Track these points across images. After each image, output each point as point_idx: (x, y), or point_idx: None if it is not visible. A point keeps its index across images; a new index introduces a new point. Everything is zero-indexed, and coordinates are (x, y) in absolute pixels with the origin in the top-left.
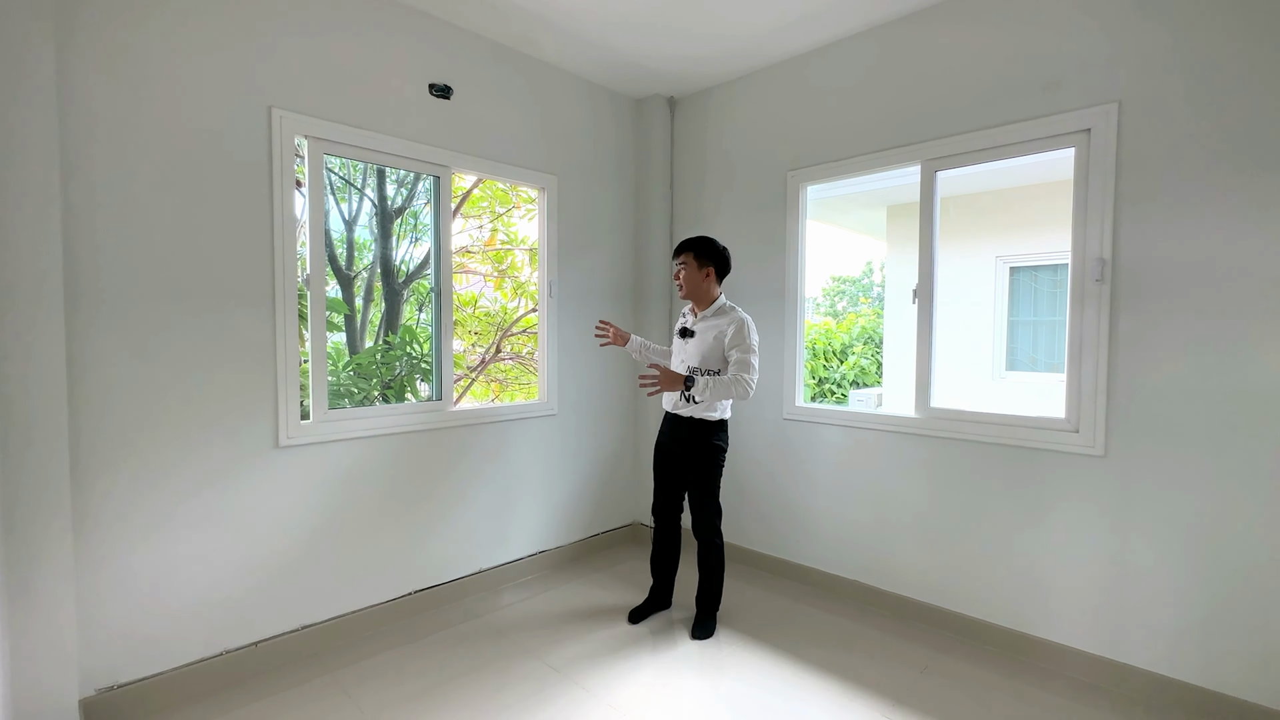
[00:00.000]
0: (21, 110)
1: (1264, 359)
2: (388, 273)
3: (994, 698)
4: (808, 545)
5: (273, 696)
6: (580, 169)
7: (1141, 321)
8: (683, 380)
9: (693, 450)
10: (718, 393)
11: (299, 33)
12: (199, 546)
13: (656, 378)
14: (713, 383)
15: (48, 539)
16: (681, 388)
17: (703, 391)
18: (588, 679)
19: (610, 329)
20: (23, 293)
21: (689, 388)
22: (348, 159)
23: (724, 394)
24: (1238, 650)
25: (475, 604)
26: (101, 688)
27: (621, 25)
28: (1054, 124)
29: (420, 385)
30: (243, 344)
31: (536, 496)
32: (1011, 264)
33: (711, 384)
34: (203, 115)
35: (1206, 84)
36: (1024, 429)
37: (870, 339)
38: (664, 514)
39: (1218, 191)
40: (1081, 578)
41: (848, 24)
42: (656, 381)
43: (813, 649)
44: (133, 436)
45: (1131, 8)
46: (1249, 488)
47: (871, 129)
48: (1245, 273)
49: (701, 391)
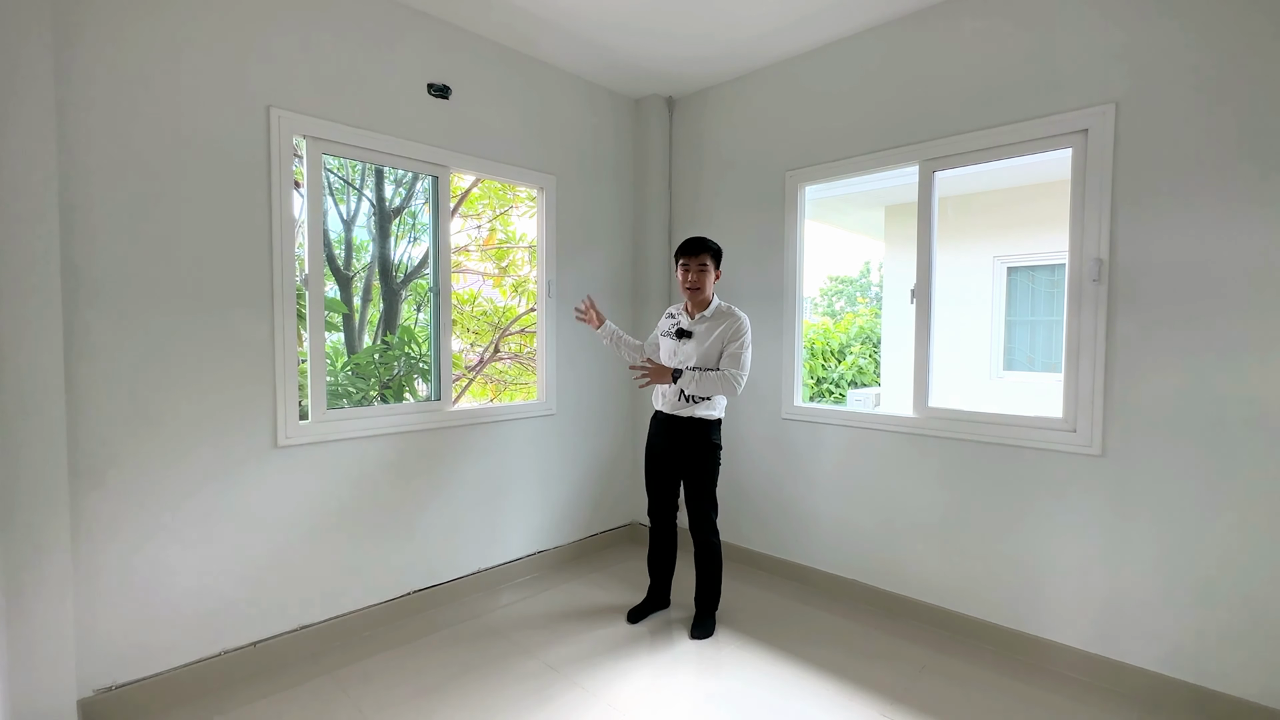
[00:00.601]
0: (20, 109)
1: (1261, 359)
2: (386, 272)
3: (991, 697)
4: (806, 545)
5: (271, 696)
6: (579, 169)
7: (1139, 321)
8: (670, 373)
9: (690, 450)
10: (704, 386)
11: (297, 32)
12: (197, 546)
13: (647, 370)
14: (699, 376)
15: (46, 539)
16: (669, 380)
17: (689, 384)
18: (587, 679)
19: (591, 309)
20: (21, 293)
21: (676, 380)
22: (346, 159)
23: (712, 388)
24: (1235, 649)
25: (473, 604)
26: (100, 688)
27: (620, 25)
28: (1051, 124)
29: (419, 385)
30: (241, 344)
31: (535, 496)
32: (1009, 264)
33: (698, 377)
34: (201, 115)
35: (1204, 84)
36: (1021, 428)
37: (868, 339)
38: (660, 515)
39: (1215, 192)
40: (1079, 577)
41: (846, 25)
42: (647, 374)
43: (811, 648)
44: (131, 437)
45: (1129, 8)
46: (1246, 486)
47: (869, 129)
48: (1243, 273)
49: (688, 383)
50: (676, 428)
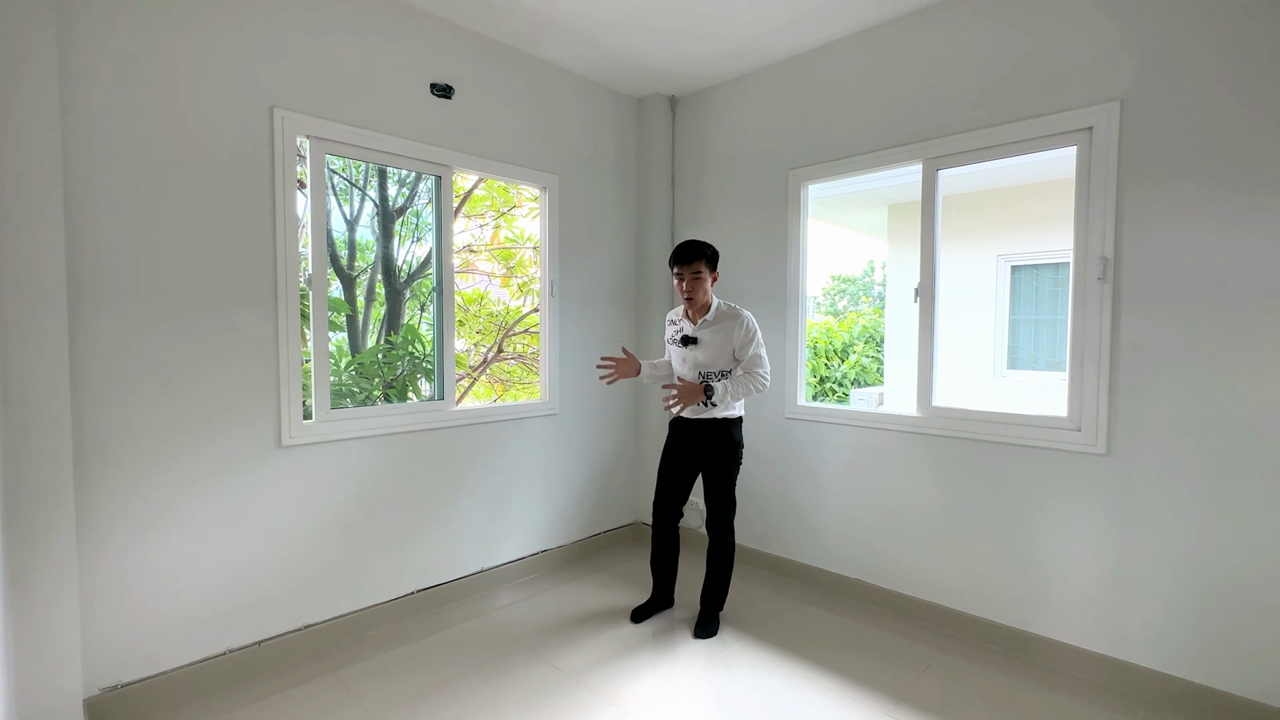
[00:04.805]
0: (23, 110)
1: (1269, 358)
2: (389, 272)
3: (996, 696)
4: (809, 544)
5: (276, 695)
6: (582, 168)
7: (1143, 320)
8: (702, 391)
9: (713, 449)
10: (737, 394)
11: (301, 33)
12: (202, 546)
13: (676, 391)
14: (731, 385)
15: (51, 539)
16: (702, 398)
17: (722, 397)
18: (590, 678)
19: (614, 363)
20: (26, 293)
21: (709, 396)
22: (349, 159)
23: (743, 393)
24: (1239, 648)
25: (477, 603)
26: (105, 687)
27: (623, 24)
28: (1056, 122)
29: (422, 385)
30: (245, 343)
31: (538, 496)
32: (1013, 262)
33: (730, 387)
34: (205, 115)
35: (1211, 81)
36: (1026, 427)
37: (871, 338)
38: (665, 513)
39: (1222, 189)
40: (1083, 576)
41: (849, 22)
42: (678, 399)
43: (815, 647)
44: (136, 436)
45: (1134, 5)
46: (1252, 486)
47: (873, 127)
48: (1248, 271)
49: (721, 397)
50: (700, 429)
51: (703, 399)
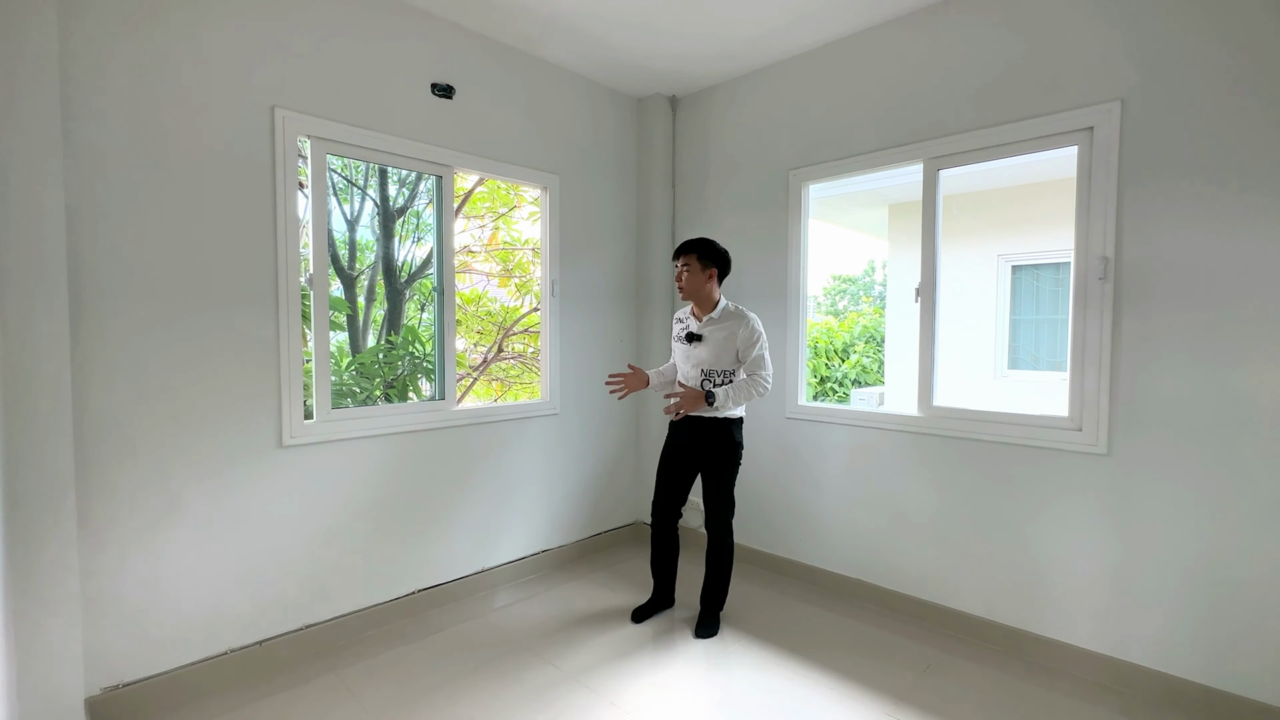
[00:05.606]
0: (25, 110)
1: (1270, 357)
2: (390, 272)
3: (997, 696)
4: (810, 544)
5: (277, 695)
6: (582, 168)
7: (1145, 319)
8: (704, 397)
9: (713, 449)
10: (738, 399)
11: (302, 33)
12: (203, 545)
13: (677, 396)
14: (733, 390)
15: (52, 538)
16: (704, 404)
17: (724, 402)
18: (591, 678)
19: (622, 379)
20: (27, 293)
21: (711, 403)
22: (350, 159)
23: (745, 397)
24: (1241, 648)
25: (478, 603)
26: (107, 686)
27: (623, 24)
28: (1056, 122)
29: (423, 384)
30: (246, 343)
31: (538, 496)
32: (1013, 262)
33: (732, 392)
34: (206, 115)
35: (1213, 80)
36: (1027, 427)
37: (872, 338)
38: (664, 513)
39: (1221, 189)
40: (1084, 576)
41: (849, 22)
42: (679, 405)
43: (815, 648)
44: (137, 436)
45: (1134, 5)
46: (1252, 485)
47: (873, 127)
48: (1249, 271)
49: (724, 402)
50: (700, 428)
51: (704, 404)
